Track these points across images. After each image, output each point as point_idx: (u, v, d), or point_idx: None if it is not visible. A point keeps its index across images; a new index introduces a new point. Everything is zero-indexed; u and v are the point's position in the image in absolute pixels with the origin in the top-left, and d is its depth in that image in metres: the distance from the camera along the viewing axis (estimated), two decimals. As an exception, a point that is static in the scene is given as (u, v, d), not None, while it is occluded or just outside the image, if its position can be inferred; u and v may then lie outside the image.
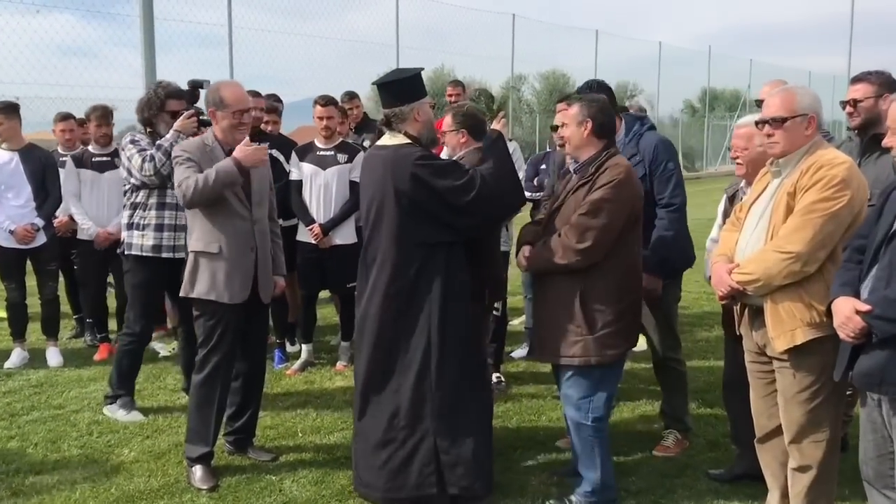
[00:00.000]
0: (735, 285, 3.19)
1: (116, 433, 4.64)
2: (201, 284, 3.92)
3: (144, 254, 4.72)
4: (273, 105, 6.21)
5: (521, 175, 4.68)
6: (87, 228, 6.03)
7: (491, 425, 3.81)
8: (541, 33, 22.76)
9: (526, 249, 3.72)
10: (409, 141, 3.61)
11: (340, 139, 5.85)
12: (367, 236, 3.71)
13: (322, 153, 5.70)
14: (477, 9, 23.15)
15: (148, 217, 4.71)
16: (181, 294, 4.00)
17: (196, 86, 4.80)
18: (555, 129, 4.36)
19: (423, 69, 3.80)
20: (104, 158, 6.09)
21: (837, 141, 4.33)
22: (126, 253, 4.81)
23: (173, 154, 3.96)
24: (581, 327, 3.50)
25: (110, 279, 6.48)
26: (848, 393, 3.94)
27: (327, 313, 7.45)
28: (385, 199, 3.53)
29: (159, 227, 4.71)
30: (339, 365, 5.94)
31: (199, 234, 3.93)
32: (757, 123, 3.31)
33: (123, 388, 4.91)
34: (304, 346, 6.02)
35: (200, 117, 4.66)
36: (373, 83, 3.90)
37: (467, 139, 4.00)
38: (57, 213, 6.21)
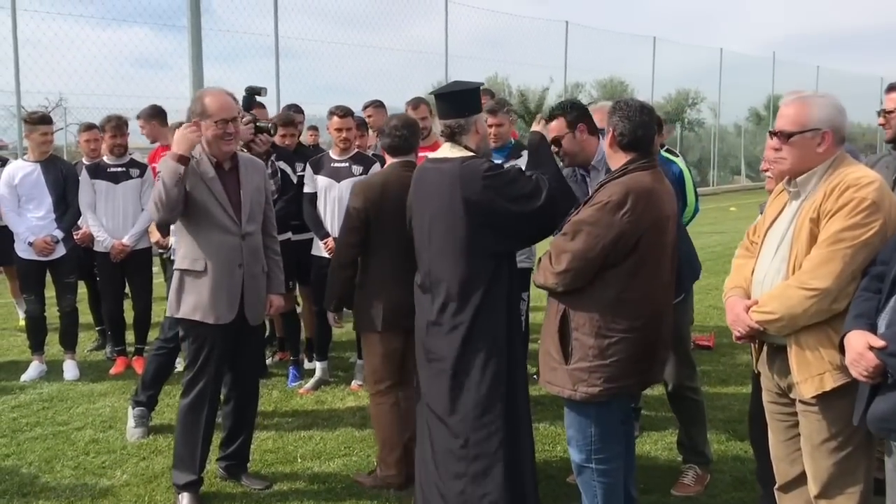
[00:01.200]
0: (755, 325, 2.83)
1: (113, 453, 4.50)
2: (187, 304, 3.73)
3: None
4: (290, 117, 6.05)
5: None
6: (103, 240, 5.96)
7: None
8: (597, 40, 22.18)
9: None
10: (471, 153, 3.52)
11: (356, 150, 5.64)
12: (423, 251, 3.55)
13: (337, 165, 5.50)
14: (530, 16, 22.86)
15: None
16: (167, 314, 3.82)
17: (253, 93, 4.70)
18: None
19: (483, 84, 3.85)
20: (119, 169, 6.00)
21: (878, 154, 3.90)
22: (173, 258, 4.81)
23: (158, 169, 3.75)
24: (557, 355, 3.20)
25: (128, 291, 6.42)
26: None
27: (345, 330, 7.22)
28: (451, 213, 3.41)
29: None
30: (354, 384, 5.71)
31: (185, 251, 3.75)
32: (771, 134, 2.93)
33: (144, 396, 4.84)
34: (318, 364, 5.81)
35: (257, 124, 4.58)
36: (432, 93, 3.84)
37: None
38: (80, 225, 6.17)
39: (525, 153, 4.66)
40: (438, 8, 16.21)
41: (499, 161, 4.13)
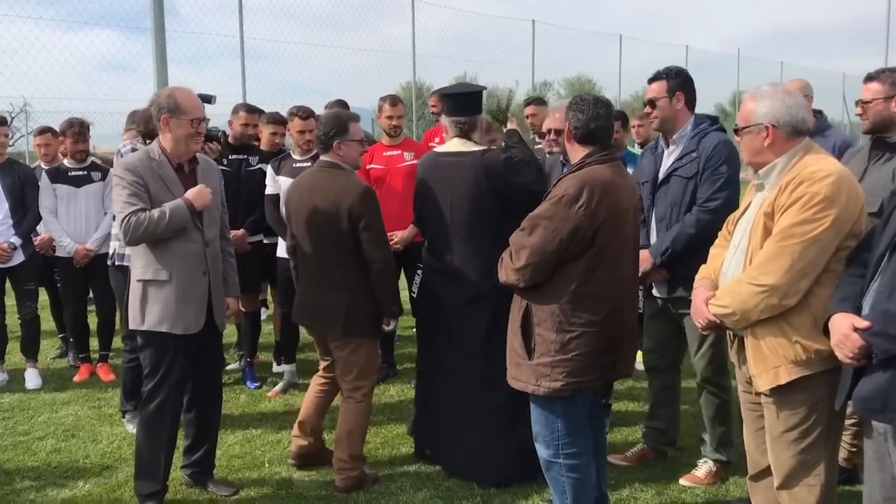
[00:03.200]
0: (712, 318, 2.86)
1: (75, 463, 4.40)
2: (152, 315, 3.62)
3: None
4: (279, 115, 6.02)
5: None
6: (66, 245, 5.84)
7: None
8: (564, 39, 22.23)
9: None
10: (484, 147, 4.04)
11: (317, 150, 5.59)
12: (445, 238, 3.98)
13: (299, 164, 5.44)
14: (497, 15, 22.86)
15: None
16: (130, 326, 3.73)
17: (204, 100, 4.60)
18: (544, 134, 4.32)
19: (486, 88, 4.30)
20: (80, 173, 5.88)
21: (857, 146, 3.97)
22: (116, 264, 4.94)
23: (114, 172, 3.65)
24: (521, 350, 3.23)
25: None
26: (854, 421, 3.57)
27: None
28: (476, 201, 3.89)
29: None
30: (275, 391, 5.64)
31: (147, 261, 3.64)
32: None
33: (131, 405, 4.84)
34: (286, 367, 5.76)
35: (209, 129, 4.53)
36: (438, 92, 4.43)
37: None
38: (38, 230, 6.06)
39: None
40: (405, 8, 16.13)
41: None
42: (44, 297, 6.49)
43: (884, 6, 26.17)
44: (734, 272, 2.89)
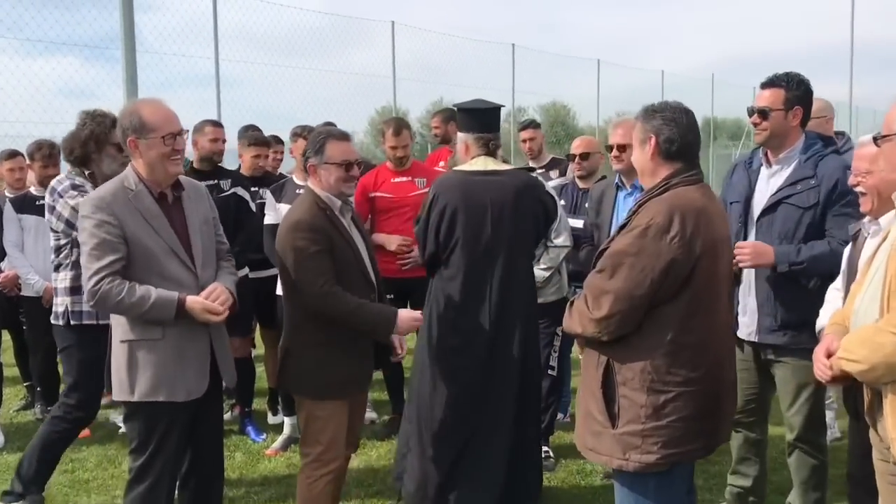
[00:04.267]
0: (837, 373, 2.37)
1: (47, 545, 3.72)
2: (144, 383, 2.96)
3: (101, 321, 3.75)
4: (262, 136, 5.47)
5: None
6: (33, 283, 5.17)
7: None
8: (541, 64, 21.94)
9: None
10: (514, 166, 4.00)
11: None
12: (481, 260, 3.64)
13: (301, 190, 4.86)
14: (476, 39, 22.56)
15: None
16: (115, 397, 3.07)
17: None
18: (609, 149, 4.02)
19: (504, 105, 4.01)
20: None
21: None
22: (72, 323, 3.95)
23: (81, 211, 2.97)
24: (602, 416, 2.67)
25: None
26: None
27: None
28: (520, 220, 3.66)
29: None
30: (274, 449, 5.01)
31: (131, 317, 2.98)
32: (875, 140, 2.47)
33: (36, 485, 3.98)
34: (286, 420, 5.11)
35: None
36: (459, 106, 3.95)
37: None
38: (2, 267, 5.37)
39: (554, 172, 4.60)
40: (382, 32, 15.68)
41: None
42: (6, 338, 5.78)
43: (847, 35, 26.59)
44: (866, 315, 2.37)
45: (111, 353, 3.08)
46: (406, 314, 3.29)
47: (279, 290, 4.81)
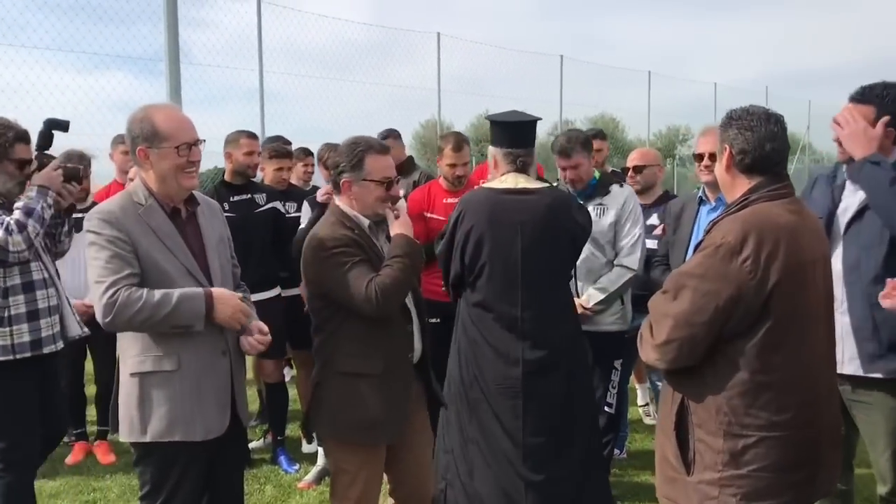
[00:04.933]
0: None
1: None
2: (158, 421, 2.64)
3: (20, 355, 3.37)
4: (283, 148, 5.17)
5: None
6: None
7: None
8: (589, 76, 21.60)
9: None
10: (548, 184, 3.63)
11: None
12: (511, 284, 3.30)
13: None
14: (523, 51, 22.26)
15: (14, 305, 3.38)
16: (123, 438, 2.76)
17: (53, 126, 3.65)
18: (698, 159, 3.72)
19: (541, 118, 3.67)
20: (80, 215, 4.96)
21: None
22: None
23: (87, 225, 2.66)
24: (676, 461, 2.36)
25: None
26: None
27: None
28: (552, 241, 3.36)
29: (33, 316, 3.44)
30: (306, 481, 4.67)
31: (143, 346, 2.66)
32: None
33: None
34: (320, 449, 4.78)
35: (67, 165, 3.61)
36: (491, 118, 3.58)
37: None
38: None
39: (614, 188, 4.09)
40: (427, 44, 15.46)
41: (580, 203, 3.89)
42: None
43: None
44: None
45: (117, 389, 2.78)
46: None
47: None
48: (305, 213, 4.63)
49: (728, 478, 2.26)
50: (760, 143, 2.35)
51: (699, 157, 3.75)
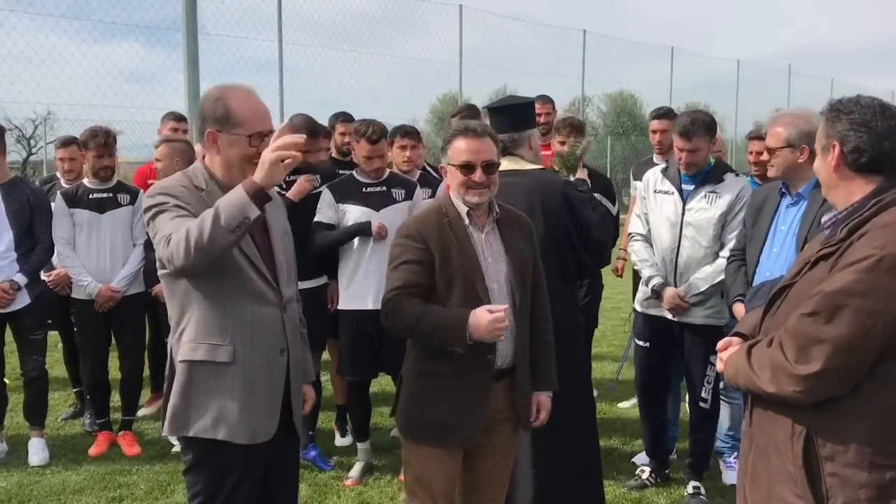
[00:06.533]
0: None
1: None
2: (202, 417, 2.40)
3: None
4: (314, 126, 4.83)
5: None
6: (85, 285, 4.67)
7: None
8: (612, 51, 21.02)
9: (730, 344, 2.33)
10: (539, 166, 3.46)
11: (388, 172, 4.42)
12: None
13: (370, 189, 4.29)
14: (545, 24, 21.75)
15: None
16: (166, 433, 2.50)
17: None
18: (770, 152, 3.43)
19: (536, 98, 3.84)
20: (104, 195, 4.72)
21: None
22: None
23: (147, 202, 2.41)
24: (802, 499, 2.06)
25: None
26: None
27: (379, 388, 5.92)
28: (541, 232, 3.12)
29: None
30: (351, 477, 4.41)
31: (196, 332, 2.41)
32: None
33: None
34: (360, 447, 4.52)
35: None
36: (487, 107, 3.67)
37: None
38: (53, 262, 4.90)
39: (728, 176, 3.90)
40: (448, 16, 15.03)
41: (690, 187, 3.89)
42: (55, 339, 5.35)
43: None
44: None
45: (168, 376, 2.51)
46: (482, 314, 2.48)
47: (343, 305, 4.33)
48: (326, 201, 4.28)
49: None
50: (878, 140, 2.07)
51: (770, 152, 3.39)
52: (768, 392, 2.12)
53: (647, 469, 4.30)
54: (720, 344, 2.38)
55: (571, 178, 3.82)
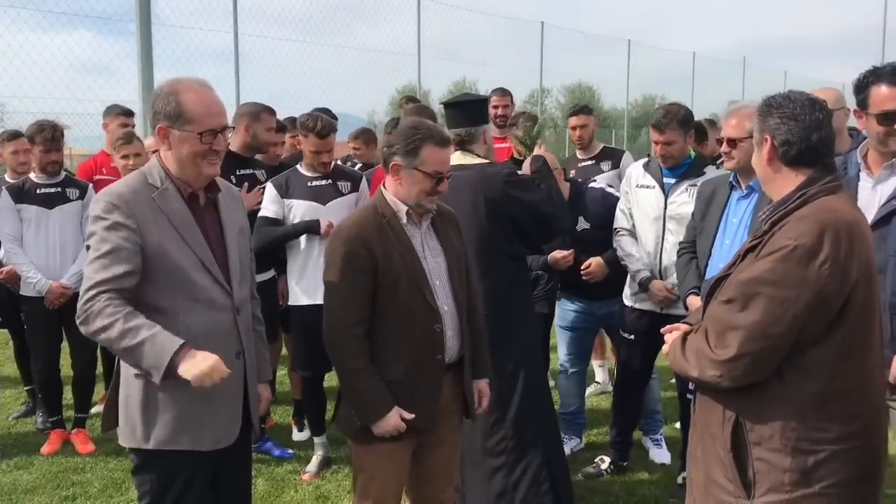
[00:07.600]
0: None
1: None
2: (162, 428, 2.37)
3: None
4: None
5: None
6: (34, 282, 4.60)
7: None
8: (569, 43, 21.17)
9: (677, 329, 2.38)
10: (487, 161, 3.57)
11: (333, 165, 4.36)
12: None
13: (315, 183, 4.27)
14: (503, 16, 21.80)
15: None
16: (123, 442, 2.46)
17: None
18: (720, 143, 3.52)
19: (490, 96, 4.12)
20: (52, 190, 4.65)
21: None
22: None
23: (93, 209, 2.35)
24: (733, 485, 2.16)
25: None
26: None
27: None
28: (473, 215, 3.37)
29: None
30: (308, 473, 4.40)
31: None
32: None
33: None
34: (316, 441, 4.52)
35: None
36: (442, 103, 3.85)
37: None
38: (1, 261, 4.81)
39: (709, 169, 3.98)
40: (406, 7, 14.99)
41: (672, 181, 3.97)
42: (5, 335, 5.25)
43: (879, 20, 25.77)
44: None
45: (117, 384, 2.49)
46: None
47: (293, 300, 4.33)
48: (271, 196, 4.23)
49: (799, 498, 2.08)
50: (806, 133, 2.15)
51: (731, 143, 3.44)
52: (693, 377, 2.24)
53: (608, 459, 4.36)
54: (665, 328, 2.43)
55: (528, 158, 3.82)
